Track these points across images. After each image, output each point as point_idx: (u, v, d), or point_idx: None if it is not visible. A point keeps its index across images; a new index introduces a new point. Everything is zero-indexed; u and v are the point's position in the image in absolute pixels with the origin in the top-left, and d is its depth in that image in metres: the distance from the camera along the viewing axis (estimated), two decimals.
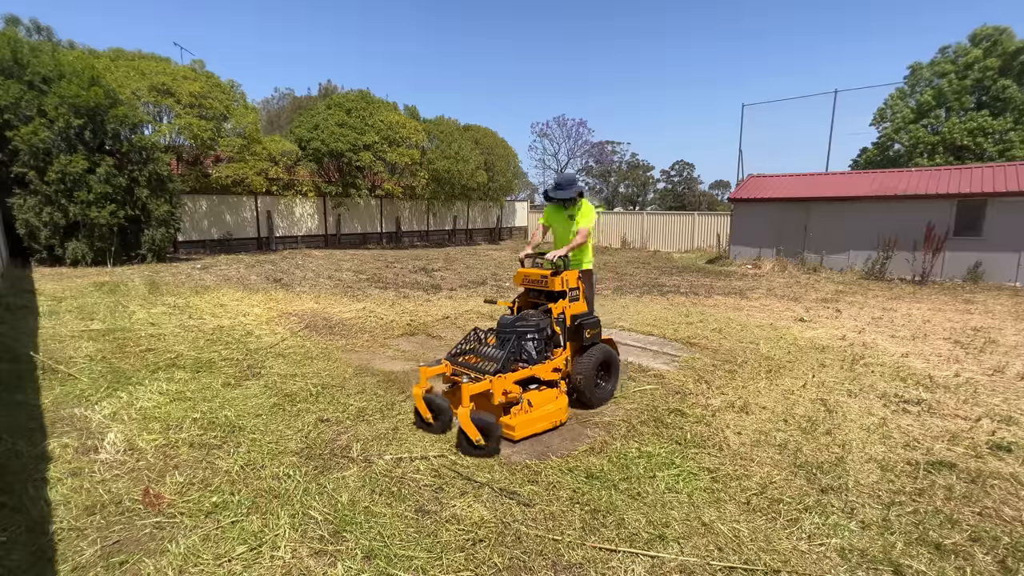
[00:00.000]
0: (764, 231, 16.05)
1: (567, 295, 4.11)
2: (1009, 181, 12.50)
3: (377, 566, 2.27)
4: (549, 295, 4.24)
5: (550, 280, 4.11)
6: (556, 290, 4.11)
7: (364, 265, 14.00)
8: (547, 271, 4.20)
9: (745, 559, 2.38)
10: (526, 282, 4.34)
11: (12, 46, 11.26)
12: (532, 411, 3.66)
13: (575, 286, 4.19)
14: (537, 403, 3.73)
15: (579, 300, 4.23)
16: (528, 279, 4.31)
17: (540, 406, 3.73)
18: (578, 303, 4.21)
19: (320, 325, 6.85)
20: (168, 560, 2.27)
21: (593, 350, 4.16)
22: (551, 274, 4.13)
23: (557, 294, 4.14)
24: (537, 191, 48.89)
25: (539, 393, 3.81)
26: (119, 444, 3.30)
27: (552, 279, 4.10)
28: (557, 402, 3.84)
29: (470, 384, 3.41)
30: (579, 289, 4.24)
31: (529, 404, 3.67)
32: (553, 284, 4.09)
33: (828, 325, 7.67)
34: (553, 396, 3.87)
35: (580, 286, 4.25)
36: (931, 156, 22.67)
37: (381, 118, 19.37)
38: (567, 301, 4.10)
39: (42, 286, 8.89)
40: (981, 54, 21.85)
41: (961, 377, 5.20)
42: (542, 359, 3.92)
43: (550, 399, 3.83)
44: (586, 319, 4.18)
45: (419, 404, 3.66)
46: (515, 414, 3.60)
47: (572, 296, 4.15)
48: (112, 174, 11.66)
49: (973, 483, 3.12)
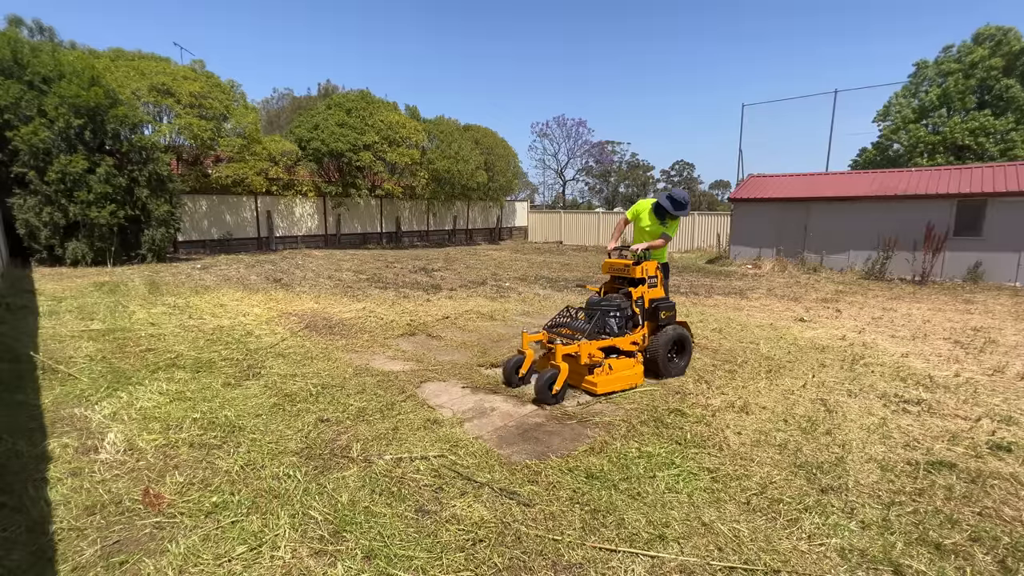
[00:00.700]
0: (764, 231, 16.05)
1: (646, 282, 4.95)
2: (1009, 181, 12.50)
3: (377, 566, 2.27)
4: (631, 281, 5.04)
5: (632, 269, 4.96)
6: (637, 277, 4.94)
7: (364, 265, 14.00)
8: (630, 261, 5.03)
9: (745, 559, 2.38)
10: (612, 270, 5.19)
11: (12, 46, 11.26)
12: (612, 373, 4.48)
13: (654, 275, 5.02)
14: (616, 368, 4.53)
15: (657, 287, 5.04)
16: (614, 268, 5.17)
17: (619, 371, 4.53)
18: (656, 289, 5.02)
19: (320, 325, 6.85)
20: (168, 560, 2.27)
21: (668, 330, 4.91)
22: (633, 263, 4.96)
23: (638, 280, 4.97)
24: (537, 191, 48.94)
25: (618, 360, 4.62)
26: (119, 444, 3.30)
27: (634, 268, 4.94)
28: (633, 369, 4.66)
29: (562, 346, 4.27)
30: (657, 277, 5.05)
31: (610, 368, 4.48)
32: (634, 272, 4.95)
33: (828, 325, 7.67)
34: (631, 364, 4.68)
35: (658, 275, 5.07)
36: (931, 156, 22.67)
37: (381, 118, 19.37)
38: (646, 287, 4.94)
39: (42, 286, 8.89)
40: (987, 53, 21.84)
41: (961, 377, 5.20)
42: (622, 333, 4.73)
43: (628, 366, 4.63)
44: (662, 303, 5.00)
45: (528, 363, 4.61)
46: (598, 374, 4.43)
47: (651, 283, 4.98)
48: (112, 174, 11.67)
49: (973, 483, 3.12)
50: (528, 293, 10.16)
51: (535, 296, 9.86)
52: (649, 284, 4.96)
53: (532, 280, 12.02)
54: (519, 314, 8.07)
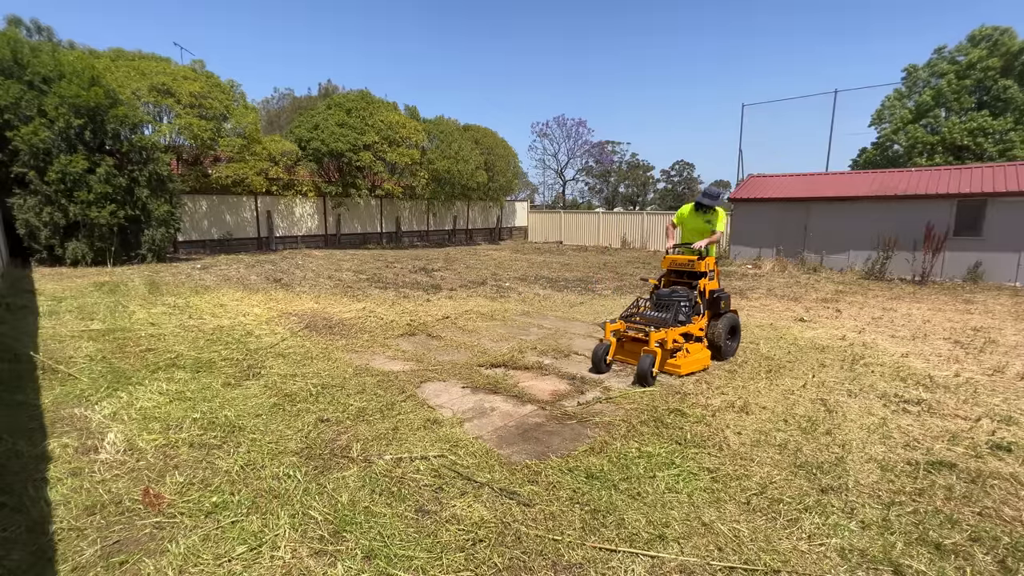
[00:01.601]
0: (764, 231, 16.05)
1: (707, 275, 5.52)
2: (1009, 181, 12.50)
3: (377, 566, 2.27)
4: (692, 275, 5.64)
5: (697, 263, 5.53)
6: (700, 271, 5.52)
7: (364, 265, 14.00)
8: (694, 256, 5.60)
9: (745, 559, 2.38)
10: (675, 265, 5.74)
11: (12, 46, 11.26)
12: (690, 356, 5.05)
13: (713, 268, 5.65)
14: (692, 351, 5.13)
15: (714, 279, 5.65)
16: (675, 263, 5.73)
17: (694, 353, 5.13)
18: (713, 281, 5.63)
19: (320, 325, 6.85)
20: (168, 560, 2.27)
21: (725, 317, 5.54)
22: (698, 258, 5.54)
23: (700, 274, 5.54)
24: (537, 191, 48.93)
25: (692, 344, 5.20)
26: (119, 444, 3.30)
27: (699, 262, 5.52)
28: (704, 352, 5.28)
29: (655, 332, 4.83)
30: (715, 271, 5.71)
31: (687, 352, 5.06)
32: (699, 266, 5.53)
33: (828, 325, 7.67)
34: (701, 347, 5.29)
35: (716, 269, 5.74)
36: (930, 156, 22.67)
37: (381, 118, 19.37)
38: (707, 279, 5.51)
39: (42, 286, 8.89)
40: (984, 54, 21.84)
41: (961, 377, 5.20)
42: (690, 321, 5.24)
43: (700, 349, 5.26)
44: (721, 293, 5.66)
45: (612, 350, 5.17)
46: (679, 357, 5.00)
47: (710, 276, 5.57)
48: (112, 174, 11.67)
49: (973, 483, 3.12)
50: (528, 293, 10.16)
51: (535, 296, 9.86)
52: (709, 277, 5.52)
53: (532, 280, 12.01)
54: (519, 314, 8.07)
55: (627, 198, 51.31)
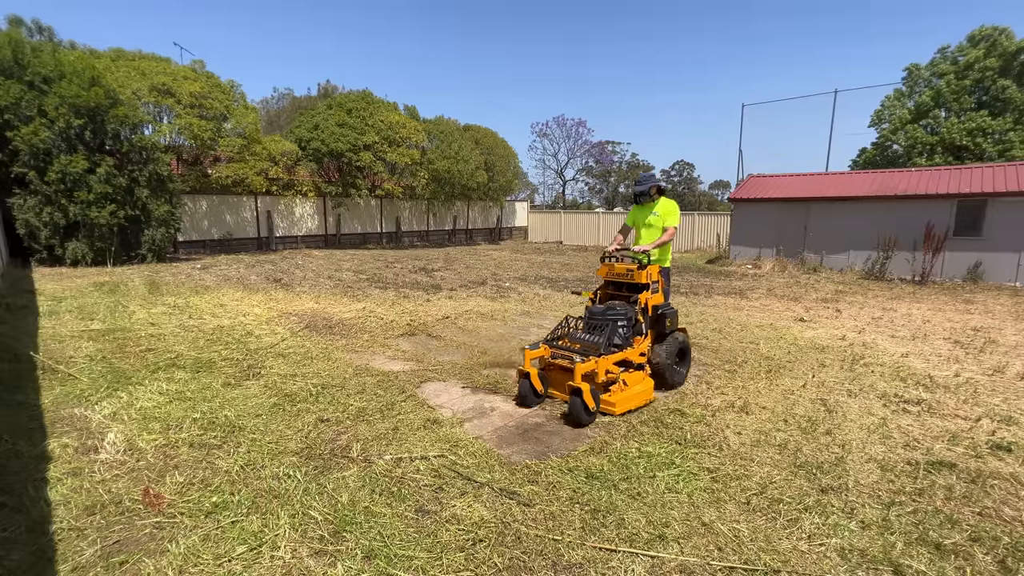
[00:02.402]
0: (764, 231, 16.05)
1: (649, 287, 4.59)
2: (1009, 181, 12.50)
3: (377, 566, 2.27)
4: (632, 287, 4.71)
5: (636, 273, 4.59)
6: (641, 282, 4.58)
7: (364, 265, 14.00)
8: (633, 265, 4.64)
9: (745, 559, 2.38)
10: (610, 275, 4.80)
11: (13, 46, 11.26)
12: (628, 389, 4.13)
13: (656, 279, 4.68)
14: (631, 383, 4.20)
15: (659, 292, 4.70)
16: (613, 272, 4.78)
17: (633, 385, 4.19)
18: (658, 295, 4.69)
19: (320, 325, 6.85)
20: (168, 560, 2.27)
21: (672, 337, 4.64)
22: (637, 268, 4.58)
23: (641, 286, 4.62)
24: (537, 191, 48.93)
25: (631, 375, 4.31)
26: (119, 444, 3.30)
27: (638, 272, 4.57)
28: (645, 383, 4.31)
29: (581, 364, 3.90)
30: (659, 282, 4.72)
31: (624, 384, 4.14)
32: (639, 277, 4.58)
33: (828, 325, 7.67)
34: (641, 377, 4.36)
35: (660, 280, 4.73)
36: (930, 156, 22.67)
37: (381, 118, 19.37)
38: (649, 293, 4.59)
39: (42, 286, 8.89)
40: (982, 54, 21.84)
41: (961, 377, 5.20)
42: (629, 344, 4.39)
43: (640, 380, 4.31)
44: (667, 309, 4.67)
45: (535, 380, 4.14)
46: (614, 392, 4.06)
47: (654, 288, 4.64)
48: (112, 174, 11.67)
49: (973, 483, 3.12)
50: (528, 293, 10.16)
51: (535, 296, 9.85)
52: (652, 290, 4.61)
53: (532, 280, 12.01)
54: (519, 314, 8.07)
55: (627, 198, 51.28)
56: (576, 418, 3.80)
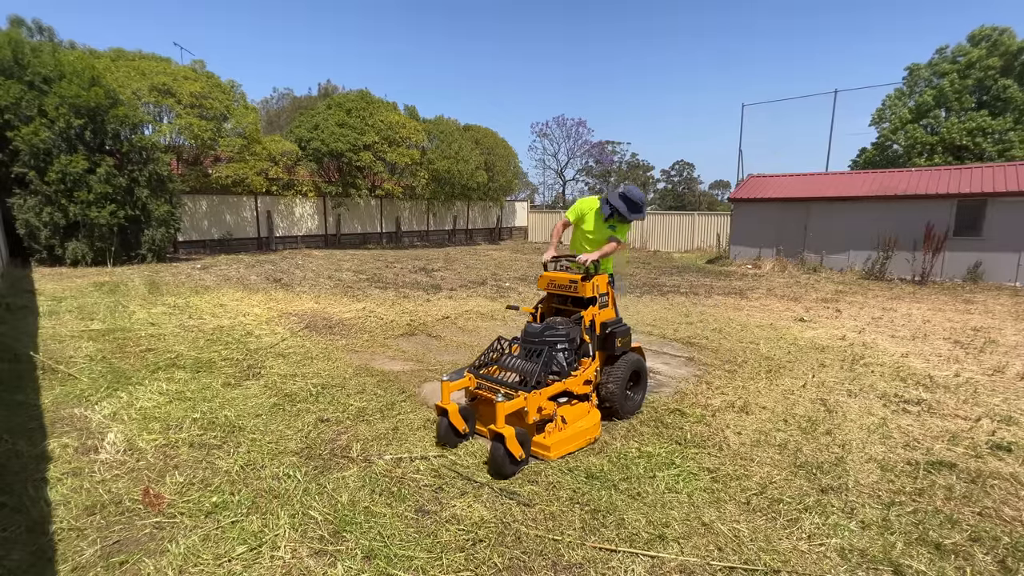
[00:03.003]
0: (764, 231, 16.05)
1: (597, 301, 3.88)
2: (1009, 181, 12.50)
3: (377, 566, 2.27)
4: (577, 301, 4.02)
5: (581, 285, 3.86)
6: (587, 296, 3.87)
7: (364, 265, 14.00)
8: (577, 276, 3.93)
9: (745, 559, 2.38)
10: (551, 287, 4.07)
11: (13, 46, 11.26)
12: (567, 428, 3.45)
13: (605, 291, 3.99)
14: (571, 419, 3.52)
15: (608, 306, 4.02)
16: (554, 283, 4.03)
17: (574, 422, 3.52)
18: (607, 309, 4.01)
19: (320, 325, 6.85)
20: (168, 560, 2.27)
21: (623, 360, 3.93)
22: (581, 279, 3.87)
23: (587, 300, 3.91)
24: (537, 191, 48.93)
25: (572, 408, 3.61)
26: (119, 444, 3.30)
27: (583, 284, 3.85)
28: (589, 417, 3.63)
29: (505, 403, 3.10)
30: (609, 295, 4.05)
31: (563, 420, 3.46)
32: (584, 290, 3.84)
33: (828, 325, 7.67)
34: (585, 411, 3.67)
35: (610, 292, 4.07)
36: (929, 156, 22.66)
37: (381, 118, 19.38)
38: (597, 307, 3.87)
39: (42, 286, 8.89)
40: (984, 54, 21.83)
41: (961, 377, 5.20)
42: (572, 371, 3.70)
43: (582, 414, 3.63)
44: (617, 327, 3.94)
45: (454, 418, 3.40)
46: (549, 432, 3.38)
47: (602, 302, 3.94)
48: (112, 174, 11.67)
49: (973, 483, 3.12)
50: (528, 293, 10.16)
51: (535, 296, 9.85)
52: (600, 304, 3.92)
53: (532, 280, 12.01)
54: (519, 314, 8.06)
55: None
56: (499, 469, 3.04)
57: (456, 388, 3.54)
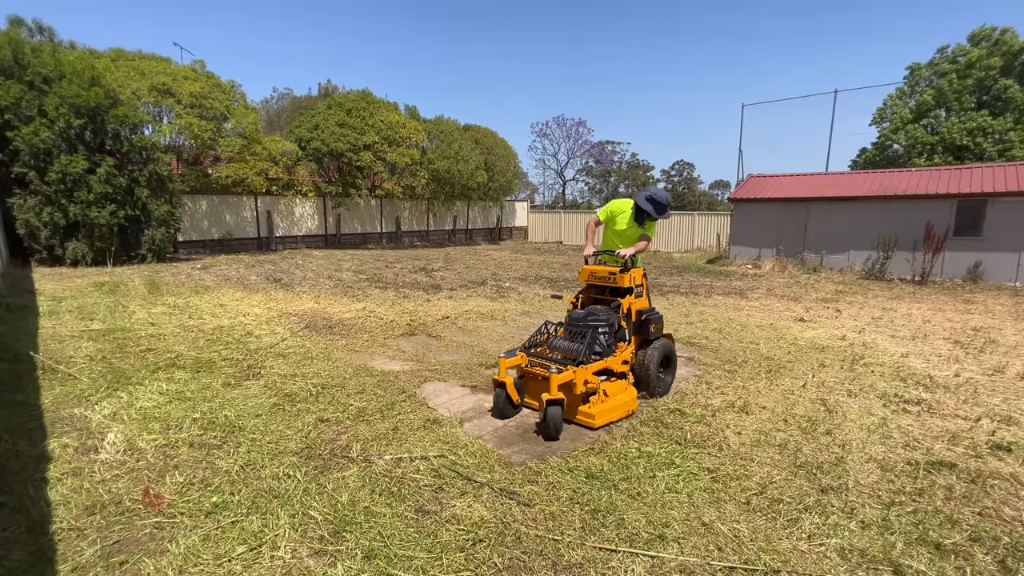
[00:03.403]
0: (764, 231, 16.05)
1: (633, 291, 4.44)
2: (1009, 181, 12.50)
3: (377, 566, 2.27)
4: (615, 291, 4.57)
5: (619, 276, 4.42)
6: (624, 286, 4.42)
7: (364, 265, 14.00)
8: (616, 268, 4.46)
9: (745, 559, 2.38)
10: (592, 278, 4.63)
11: (13, 46, 11.26)
12: (608, 400, 3.91)
13: (640, 283, 4.54)
14: (612, 393, 3.98)
15: (643, 296, 4.57)
16: (595, 275, 4.60)
17: (614, 396, 3.98)
18: (642, 299, 4.55)
19: (320, 325, 6.85)
20: (168, 560, 2.27)
21: (657, 343, 4.43)
22: (620, 271, 4.42)
23: (624, 290, 4.46)
24: (537, 191, 48.93)
25: (612, 384, 4.09)
26: (119, 444, 3.30)
27: (621, 276, 4.41)
28: (627, 392, 4.12)
29: (557, 374, 3.62)
30: (643, 286, 4.60)
31: (605, 394, 3.92)
32: (623, 280, 4.41)
33: (828, 325, 7.67)
34: (623, 387, 4.17)
35: (644, 283, 4.61)
36: (930, 156, 22.65)
37: (381, 118, 19.38)
38: (633, 297, 4.42)
39: (42, 286, 8.89)
40: (984, 54, 21.82)
41: (961, 377, 5.20)
42: (611, 352, 4.21)
43: (621, 389, 4.11)
44: (651, 314, 4.50)
45: (511, 390, 3.90)
46: (593, 403, 3.86)
47: (637, 292, 4.49)
48: (112, 174, 11.67)
49: (973, 483, 3.12)
50: (528, 293, 10.16)
51: (535, 296, 9.86)
52: (636, 294, 4.46)
53: (532, 280, 12.02)
54: (519, 314, 8.07)
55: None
56: (554, 432, 3.57)
57: (511, 364, 4.00)
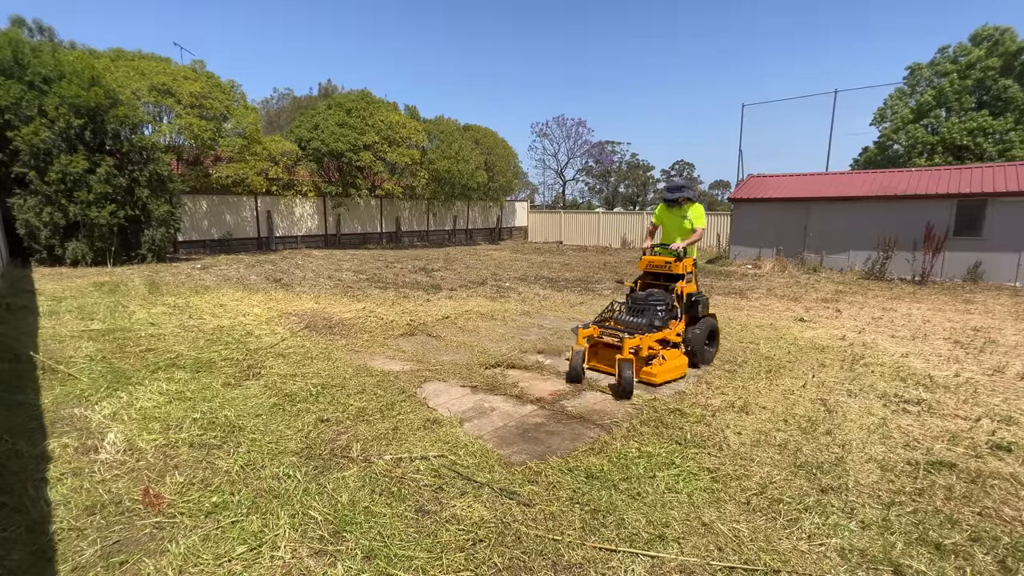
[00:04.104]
0: (764, 231, 16.05)
1: (685, 277, 5.35)
2: (1009, 181, 12.50)
3: (377, 566, 2.27)
4: (669, 277, 5.52)
5: (674, 264, 5.40)
6: (678, 273, 5.38)
7: (364, 265, 14.00)
8: (671, 257, 5.47)
9: (745, 559, 2.38)
10: (650, 266, 5.61)
11: (13, 46, 11.26)
12: (666, 363, 4.76)
13: (691, 271, 5.49)
14: (669, 358, 4.83)
15: (692, 282, 5.48)
16: (652, 264, 5.59)
17: (671, 360, 4.84)
18: (691, 284, 5.45)
19: (320, 325, 6.85)
20: (168, 560, 2.27)
21: (703, 321, 5.33)
22: (675, 260, 5.41)
23: (678, 276, 5.39)
24: (537, 191, 48.93)
25: (668, 351, 4.93)
26: (119, 444, 3.30)
27: (675, 264, 5.39)
28: (680, 359, 4.98)
29: (629, 339, 4.53)
30: (693, 273, 5.53)
31: (663, 358, 4.77)
32: (676, 268, 5.39)
33: (828, 325, 7.67)
34: (677, 354, 5.02)
35: (694, 271, 5.57)
36: (930, 156, 22.65)
37: (381, 118, 19.38)
38: (684, 282, 5.31)
39: (42, 286, 8.89)
40: (983, 54, 21.81)
41: (961, 377, 5.20)
42: (667, 326, 5.06)
43: (676, 356, 4.97)
44: (699, 297, 5.43)
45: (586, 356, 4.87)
46: (655, 365, 4.72)
47: (688, 278, 5.39)
48: (112, 174, 11.67)
49: (973, 483, 3.12)
50: (528, 293, 10.16)
51: (535, 296, 9.85)
52: (687, 279, 5.35)
53: (532, 280, 12.01)
54: (519, 314, 8.07)
55: (627, 198, 51.29)
56: (627, 385, 4.33)
57: (586, 334, 4.89)
